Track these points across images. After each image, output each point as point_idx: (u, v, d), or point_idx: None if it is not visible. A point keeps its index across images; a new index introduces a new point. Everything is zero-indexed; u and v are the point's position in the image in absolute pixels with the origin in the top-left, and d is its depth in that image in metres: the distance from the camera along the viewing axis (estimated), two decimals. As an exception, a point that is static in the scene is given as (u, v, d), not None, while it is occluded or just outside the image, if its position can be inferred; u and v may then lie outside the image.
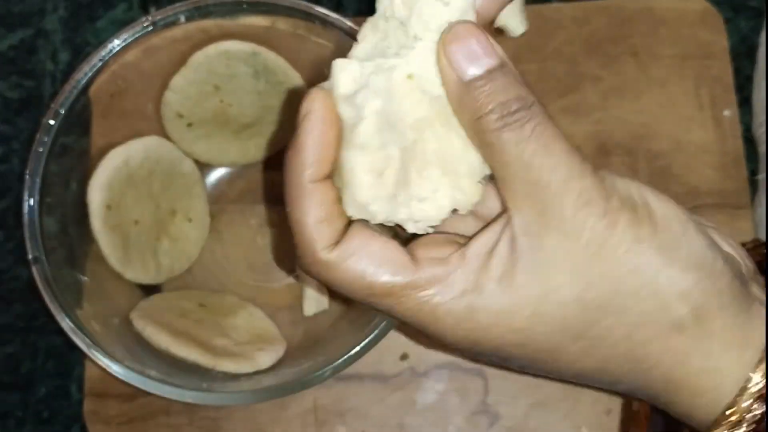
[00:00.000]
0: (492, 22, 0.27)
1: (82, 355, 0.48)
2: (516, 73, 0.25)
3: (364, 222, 0.25)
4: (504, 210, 0.25)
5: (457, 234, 0.27)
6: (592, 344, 0.25)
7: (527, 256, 0.24)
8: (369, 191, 0.24)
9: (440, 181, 0.25)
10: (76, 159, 0.43)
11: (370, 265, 0.25)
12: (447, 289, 0.25)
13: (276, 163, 0.49)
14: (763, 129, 0.49)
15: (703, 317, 0.25)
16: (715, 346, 0.25)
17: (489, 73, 0.24)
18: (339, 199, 0.25)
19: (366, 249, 0.25)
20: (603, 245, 0.24)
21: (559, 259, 0.24)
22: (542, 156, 0.24)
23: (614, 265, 0.24)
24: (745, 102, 0.50)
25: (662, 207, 0.25)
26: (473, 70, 0.24)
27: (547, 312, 0.24)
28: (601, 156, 0.49)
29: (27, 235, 0.39)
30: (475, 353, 0.26)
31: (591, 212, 0.24)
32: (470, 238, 0.26)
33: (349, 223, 0.25)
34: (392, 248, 0.25)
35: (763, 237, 0.48)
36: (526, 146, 0.24)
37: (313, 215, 0.25)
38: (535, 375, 0.30)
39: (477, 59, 0.24)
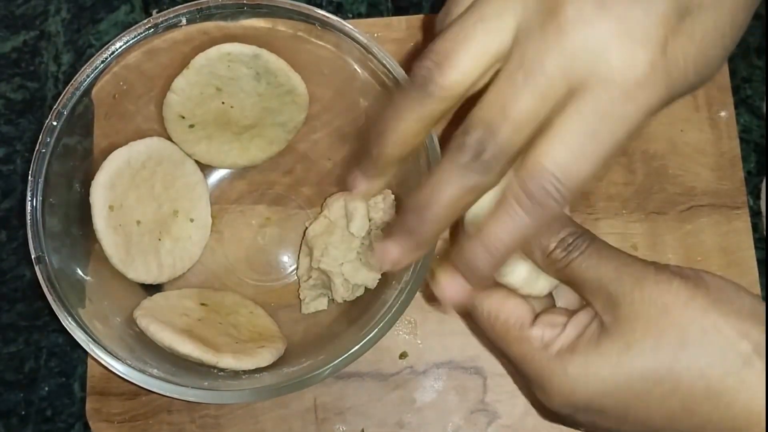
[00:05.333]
0: None
1: (85, 354, 0.48)
2: (564, 214, 0.32)
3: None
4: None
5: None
6: (672, 386, 0.29)
7: (608, 326, 0.31)
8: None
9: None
10: (79, 160, 0.43)
11: (502, 310, 0.33)
12: (549, 347, 0.32)
13: (276, 164, 0.50)
14: None
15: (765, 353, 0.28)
16: None
17: None
18: None
19: (504, 299, 0.34)
20: (662, 305, 0.30)
21: (631, 323, 0.30)
22: (596, 264, 0.31)
23: (676, 318, 0.29)
24: (741, 103, 0.51)
25: (714, 278, 0.31)
26: None
27: (628, 362, 0.30)
28: (599, 157, 0.49)
29: (30, 235, 0.39)
30: (573, 407, 0.32)
31: (645, 284, 0.30)
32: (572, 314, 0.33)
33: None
34: (522, 308, 0.33)
35: None
36: (586, 262, 0.31)
37: None
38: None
39: None
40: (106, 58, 0.41)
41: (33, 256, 0.39)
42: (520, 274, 0.34)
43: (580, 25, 0.27)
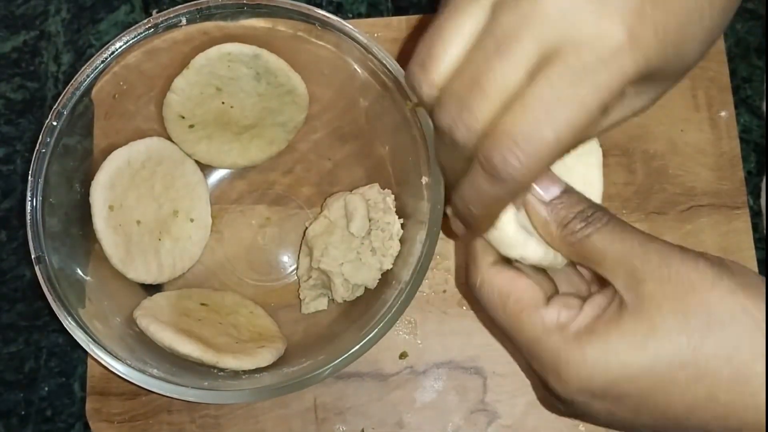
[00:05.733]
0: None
1: (85, 354, 0.48)
2: (575, 191, 0.32)
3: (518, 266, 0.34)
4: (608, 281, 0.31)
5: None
6: (698, 371, 0.28)
7: (630, 305, 0.29)
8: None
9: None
10: (79, 160, 0.43)
11: (514, 289, 0.32)
12: (566, 328, 0.30)
13: (276, 164, 0.50)
14: None
15: None
16: None
17: (562, 194, 0.31)
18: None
19: (515, 279, 0.33)
20: (689, 284, 0.29)
21: (656, 303, 0.29)
22: (620, 238, 0.30)
23: (703, 297, 0.28)
24: (741, 103, 0.51)
25: (737, 264, 0.30)
26: (552, 193, 0.31)
27: (653, 345, 0.28)
28: (599, 157, 0.49)
29: (30, 235, 0.39)
30: (590, 393, 0.30)
31: (672, 261, 0.29)
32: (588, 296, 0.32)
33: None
34: (534, 287, 0.32)
35: None
36: (609, 235, 0.30)
37: (480, 244, 0.34)
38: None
39: (551, 187, 0.31)
40: (106, 58, 0.41)
41: (33, 256, 0.39)
42: (529, 244, 0.33)
43: None
